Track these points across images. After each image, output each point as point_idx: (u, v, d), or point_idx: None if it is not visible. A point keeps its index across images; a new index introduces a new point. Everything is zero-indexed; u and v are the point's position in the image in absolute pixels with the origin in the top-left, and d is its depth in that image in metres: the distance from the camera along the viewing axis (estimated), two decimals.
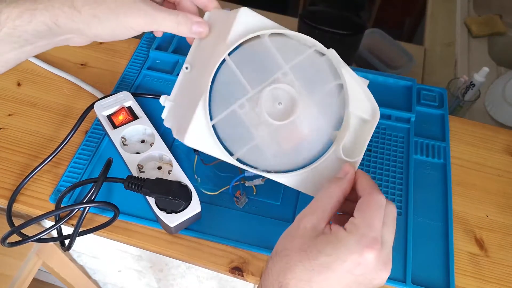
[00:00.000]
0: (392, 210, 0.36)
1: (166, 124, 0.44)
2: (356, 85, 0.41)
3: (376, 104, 0.41)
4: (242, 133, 0.40)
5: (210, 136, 0.39)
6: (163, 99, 0.44)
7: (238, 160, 0.40)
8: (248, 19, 0.39)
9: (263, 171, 0.41)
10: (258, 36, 0.40)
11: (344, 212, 0.39)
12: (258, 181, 0.50)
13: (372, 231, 0.33)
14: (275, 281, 0.33)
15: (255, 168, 0.41)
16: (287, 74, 0.40)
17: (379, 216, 0.34)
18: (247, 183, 0.51)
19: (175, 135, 0.42)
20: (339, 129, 0.41)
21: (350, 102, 0.41)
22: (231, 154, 0.40)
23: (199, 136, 0.39)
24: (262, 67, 0.40)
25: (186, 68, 0.43)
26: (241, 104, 0.39)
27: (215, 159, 0.41)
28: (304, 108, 0.40)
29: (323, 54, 0.41)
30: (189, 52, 0.44)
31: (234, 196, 0.51)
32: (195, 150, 0.54)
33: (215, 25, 0.42)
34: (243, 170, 0.42)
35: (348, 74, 0.41)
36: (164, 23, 0.39)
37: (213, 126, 0.39)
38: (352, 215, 0.35)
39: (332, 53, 0.41)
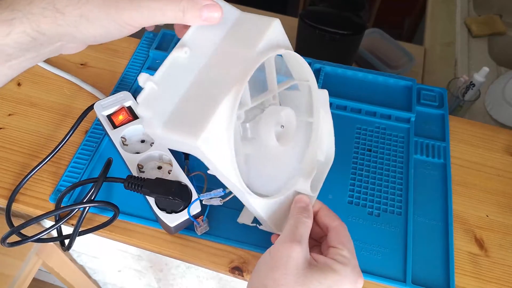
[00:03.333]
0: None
1: (141, 110, 0.34)
2: (329, 128, 0.43)
3: (334, 149, 0.44)
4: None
5: (227, 140, 0.33)
6: (143, 78, 0.34)
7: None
8: (278, 33, 0.37)
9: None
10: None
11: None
12: (216, 201, 0.44)
13: (356, 260, 0.38)
14: None
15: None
16: (275, 98, 0.41)
17: (352, 243, 0.40)
18: (204, 201, 0.44)
19: (155, 127, 0.34)
20: (302, 163, 0.42)
21: (320, 141, 0.43)
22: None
23: (217, 138, 0.33)
24: (263, 85, 0.39)
25: (186, 52, 0.35)
26: (238, 115, 0.38)
27: (203, 166, 0.35)
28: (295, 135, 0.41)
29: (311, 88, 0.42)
30: (187, 35, 0.35)
31: (195, 220, 0.46)
32: (185, 158, 0.53)
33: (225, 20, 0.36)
34: (198, 193, 0.44)
35: (326, 117, 0.43)
36: (165, 13, 0.32)
37: None
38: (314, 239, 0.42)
39: (322, 92, 0.42)
